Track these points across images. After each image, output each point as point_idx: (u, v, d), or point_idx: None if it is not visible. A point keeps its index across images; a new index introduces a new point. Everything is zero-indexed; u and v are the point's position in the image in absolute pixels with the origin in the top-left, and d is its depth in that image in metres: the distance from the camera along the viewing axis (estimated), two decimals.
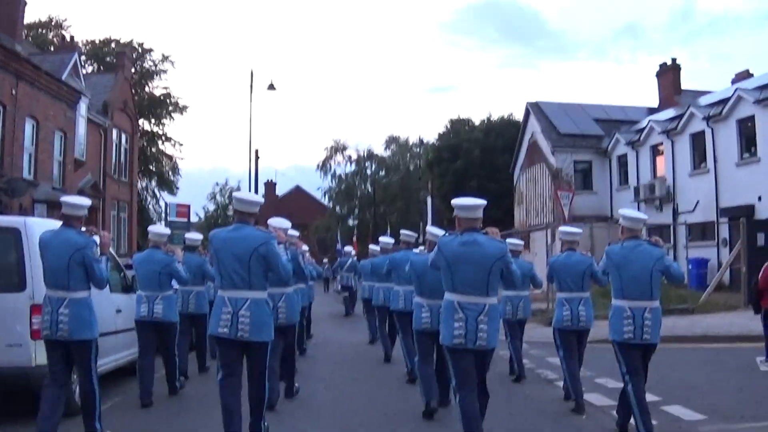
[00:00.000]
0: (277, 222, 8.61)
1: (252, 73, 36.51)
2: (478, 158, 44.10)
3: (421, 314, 8.62)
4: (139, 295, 9.77)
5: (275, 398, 8.59)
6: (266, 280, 6.82)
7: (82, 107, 29.62)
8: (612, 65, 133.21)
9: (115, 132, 35.03)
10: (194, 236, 12.80)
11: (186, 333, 11.44)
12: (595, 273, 8.89)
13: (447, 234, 6.93)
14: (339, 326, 21.97)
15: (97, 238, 7.18)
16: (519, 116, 44.56)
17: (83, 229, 7.14)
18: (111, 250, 8.33)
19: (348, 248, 27.29)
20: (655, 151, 32.49)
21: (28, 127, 23.86)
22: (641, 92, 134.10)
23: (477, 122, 48.75)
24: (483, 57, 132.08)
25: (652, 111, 37.26)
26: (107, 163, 33.73)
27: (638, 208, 31.72)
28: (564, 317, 9.08)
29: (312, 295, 12.94)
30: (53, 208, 23.51)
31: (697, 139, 29.27)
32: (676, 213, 30.22)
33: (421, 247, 11.18)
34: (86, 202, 7.31)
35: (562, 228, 9.86)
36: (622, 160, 35.04)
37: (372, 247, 16.56)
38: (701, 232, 28.62)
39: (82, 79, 31.12)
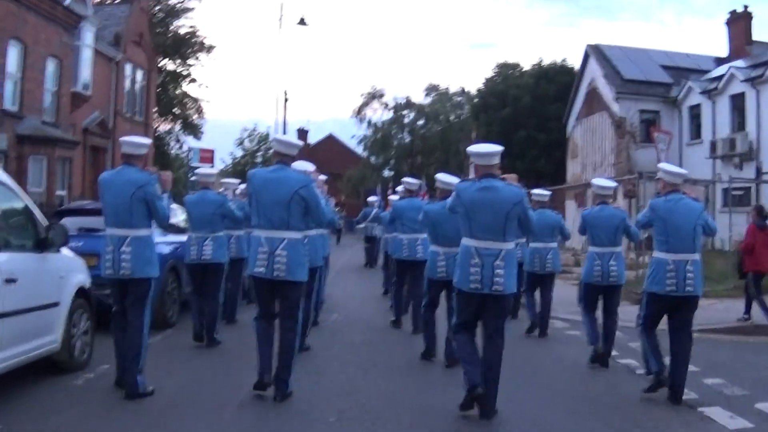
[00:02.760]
0: (301, 165, 8.21)
1: (282, 6, 32.70)
2: (527, 106, 40.24)
3: (437, 263, 8.70)
4: (189, 237, 10.02)
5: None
6: (303, 221, 6.91)
7: (88, 36, 26.10)
8: (656, 26, 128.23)
9: (128, 67, 31.55)
10: (231, 181, 13.18)
11: (235, 277, 11.61)
12: (628, 227, 9.15)
13: (463, 180, 7.03)
14: (357, 278, 21.28)
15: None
16: (573, 62, 41.06)
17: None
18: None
19: (372, 198, 24.68)
20: (736, 101, 28.31)
21: (13, 51, 20.36)
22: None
23: (527, 67, 44.72)
24: (526, 14, 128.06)
25: (721, 61, 33.15)
26: (119, 100, 30.33)
27: (713, 166, 28.48)
28: (594, 272, 9.04)
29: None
30: (40, 144, 20.43)
31: None
32: (760, 172, 26.23)
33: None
34: (146, 141, 7.35)
35: (594, 181, 9.79)
36: (695, 112, 30.95)
37: (391, 198, 16.12)
38: None
39: (90, 6, 27.57)
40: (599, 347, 9.06)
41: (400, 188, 12.94)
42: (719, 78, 29.30)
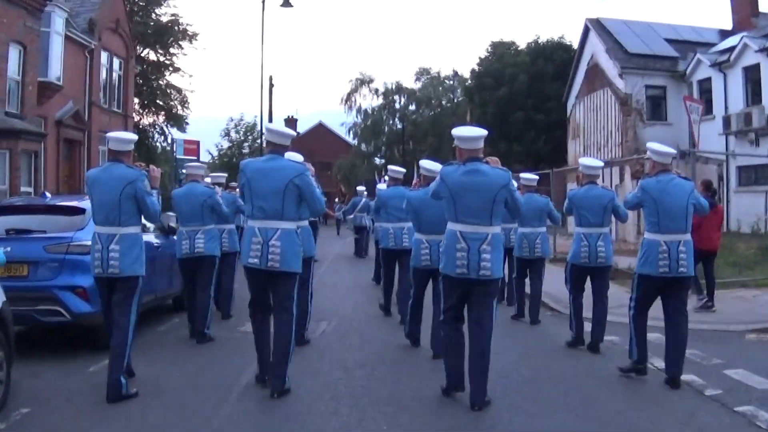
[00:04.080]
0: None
1: None
2: (524, 85, 38.87)
3: (421, 251, 8.60)
4: (180, 232, 9.87)
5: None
6: (297, 211, 6.85)
7: (58, 22, 24.36)
8: (653, 1, 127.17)
9: (104, 55, 29.75)
10: (219, 174, 13.46)
11: (229, 271, 11.41)
12: (616, 207, 9.00)
13: (448, 164, 6.79)
14: (348, 271, 20.09)
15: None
16: (571, 38, 39.91)
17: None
18: None
19: (360, 187, 24.17)
20: (750, 73, 26.63)
21: None
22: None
23: (522, 45, 43.14)
24: None
25: (726, 34, 31.65)
26: (94, 90, 28.57)
27: (726, 142, 27.00)
28: (581, 252, 8.94)
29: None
30: (1, 137, 18.85)
31: None
32: None
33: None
34: (132, 136, 7.29)
35: (582, 160, 9.68)
36: (705, 86, 29.30)
37: (379, 186, 15.98)
38: None
39: None
40: (581, 334, 9.09)
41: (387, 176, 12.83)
42: (730, 50, 27.70)
